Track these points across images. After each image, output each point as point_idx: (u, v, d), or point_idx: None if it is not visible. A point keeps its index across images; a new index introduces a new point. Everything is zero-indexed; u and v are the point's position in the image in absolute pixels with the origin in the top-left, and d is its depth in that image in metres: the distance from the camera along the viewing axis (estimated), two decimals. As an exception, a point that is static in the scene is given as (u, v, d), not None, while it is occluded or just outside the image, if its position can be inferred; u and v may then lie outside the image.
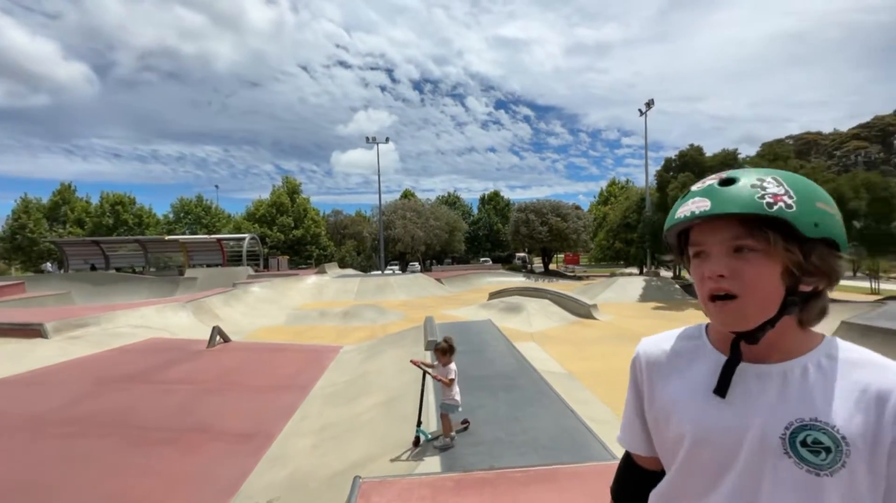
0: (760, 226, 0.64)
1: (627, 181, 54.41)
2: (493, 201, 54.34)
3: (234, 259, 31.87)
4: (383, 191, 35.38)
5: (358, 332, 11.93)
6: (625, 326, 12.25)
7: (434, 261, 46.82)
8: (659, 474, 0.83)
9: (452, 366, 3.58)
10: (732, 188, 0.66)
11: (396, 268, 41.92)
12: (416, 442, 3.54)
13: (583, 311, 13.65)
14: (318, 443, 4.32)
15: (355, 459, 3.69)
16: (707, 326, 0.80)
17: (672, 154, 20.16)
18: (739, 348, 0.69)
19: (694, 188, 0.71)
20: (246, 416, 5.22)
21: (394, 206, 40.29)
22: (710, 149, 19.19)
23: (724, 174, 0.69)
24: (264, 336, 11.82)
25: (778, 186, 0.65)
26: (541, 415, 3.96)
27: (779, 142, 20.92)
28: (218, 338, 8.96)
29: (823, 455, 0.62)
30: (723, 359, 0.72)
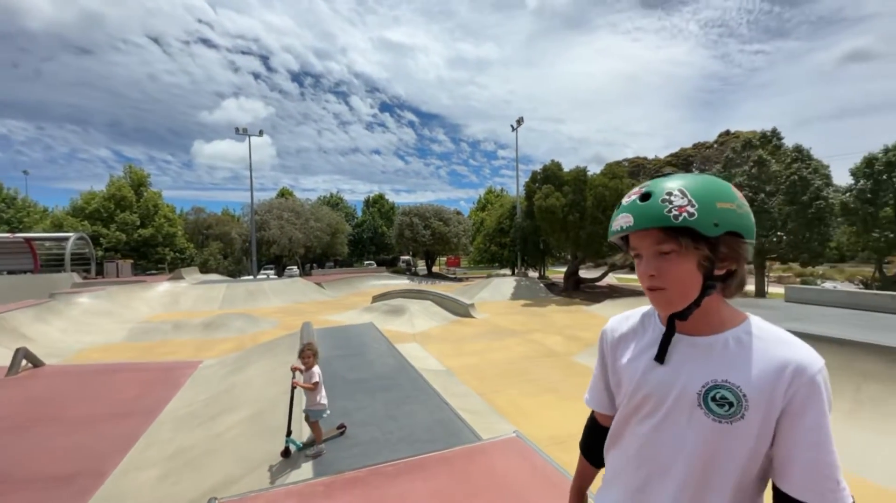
0: (673, 233, 0.79)
1: (502, 190, 59.40)
2: (377, 204, 53.97)
3: (53, 264, 25.67)
4: (258, 188, 32.35)
5: (223, 345, 10.67)
6: (498, 323, 13.30)
7: (314, 264, 44.45)
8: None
9: (316, 369, 3.50)
10: (648, 204, 0.81)
11: (271, 272, 38.64)
12: (286, 453, 3.34)
13: (462, 311, 14.43)
14: (167, 473, 3.75)
15: (215, 482, 3.31)
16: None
17: (538, 167, 22.66)
18: (674, 324, 0.87)
19: (624, 202, 0.86)
20: (65, 455, 4.25)
21: (269, 205, 37.00)
22: (568, 165, 22.13)
23: (644, 188, 0.84)
24: (96, 356, 9.76)
25: (682, 198, 0.79)
26: (417, 412, 4.09)
27: (617, 163, 25.23)
28: (24, 362, 7.12)
29: (727, 408, 0.79)
30: (661, 332, 0.90)
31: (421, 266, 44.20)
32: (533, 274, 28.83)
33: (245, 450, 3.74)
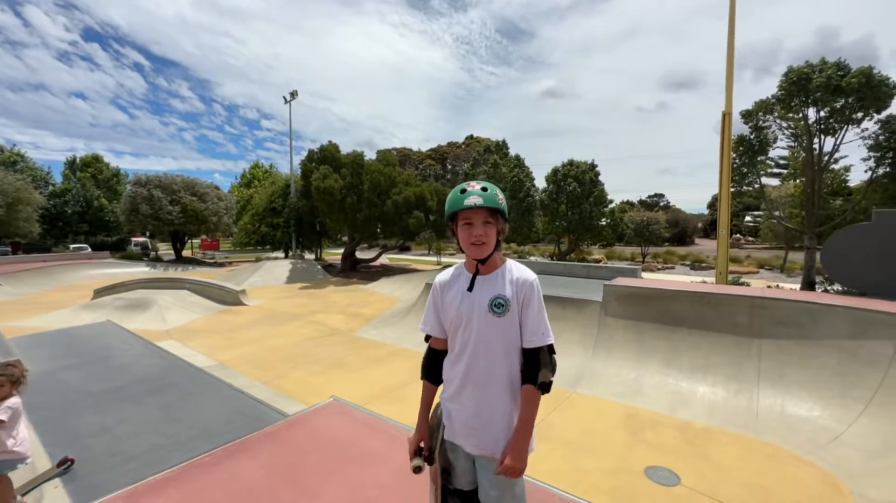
0: (495, 212, 1.46)
1: (271, 165, 54.48)
2: (91, 167, 40.62)
3: None
4: None
5: None
6: (275, 308, 12.59)
7: (-29, 249, 29.93)
8: (444, 352, 1.62)
9: (12, 401, 2.50)
10: (488, 193, 1.45)
11: None
12: None
13: (230, 299, 12.92)
14: None
15: None
16: (465, 263, 1.61)
17: (311, 144, 22.13)
18: (478, 267, 1.53)
19: (469, 188, 1.46)
20: None
21: None
22: (341, 146, 22.25)
23: (480, 184, 1.48)
24: None
25: (500, 194, 1.49)
26: (207, 407, 3.67)
27: (388, 151, 27.11)
28: None
29: (501, 308, 1.47)
30: (470, 275, 1.55)
31: (165, 250, 35.98)
32: (309, 256, 28.07)
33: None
